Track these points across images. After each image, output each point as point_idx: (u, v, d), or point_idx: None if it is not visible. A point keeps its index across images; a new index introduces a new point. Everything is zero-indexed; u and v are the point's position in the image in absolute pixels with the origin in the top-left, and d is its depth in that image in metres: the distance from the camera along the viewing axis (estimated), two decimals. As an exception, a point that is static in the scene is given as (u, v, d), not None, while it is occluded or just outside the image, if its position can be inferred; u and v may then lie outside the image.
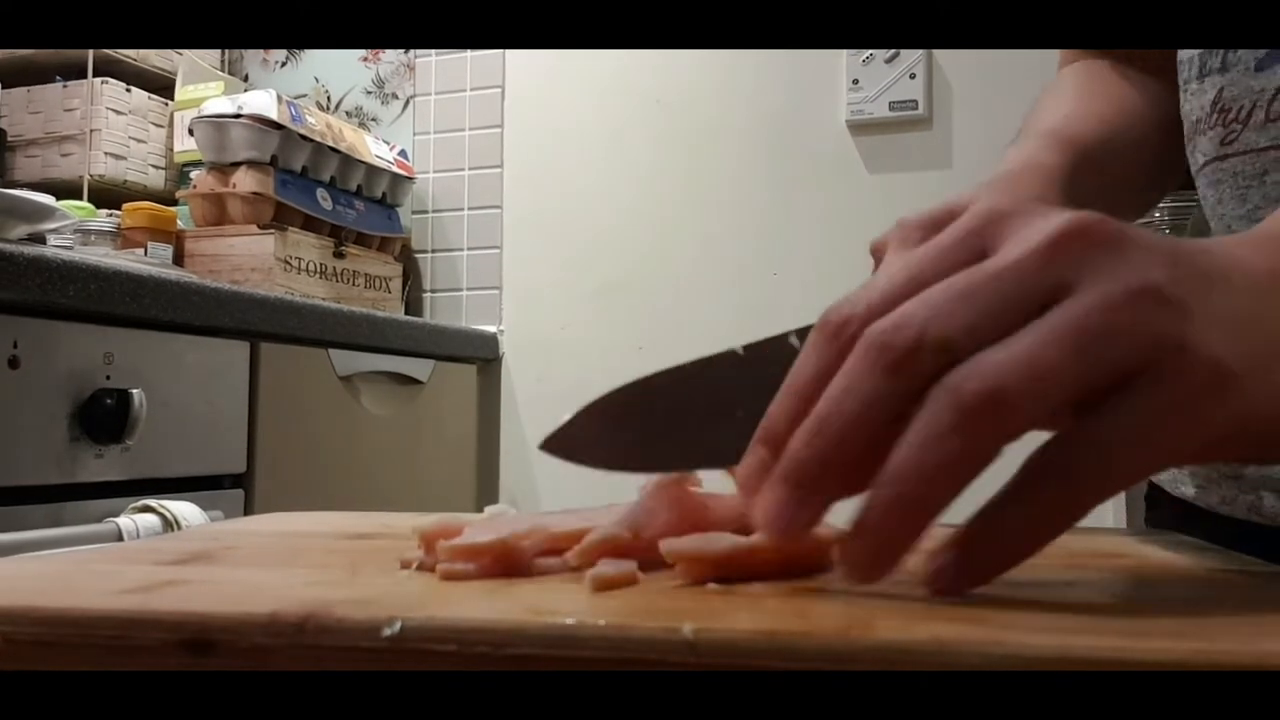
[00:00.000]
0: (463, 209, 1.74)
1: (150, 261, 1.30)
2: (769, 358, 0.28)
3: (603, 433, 0.30)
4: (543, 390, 1.65)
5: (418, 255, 1.76)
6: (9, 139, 1.59)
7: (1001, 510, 0.23)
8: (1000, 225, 0.25)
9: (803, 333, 0.28)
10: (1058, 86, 0.56)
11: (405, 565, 0.29)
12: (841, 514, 0.25)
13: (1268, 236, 0.27)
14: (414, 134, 1.77)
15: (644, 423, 0.30)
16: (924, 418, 0.22)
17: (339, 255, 1.53)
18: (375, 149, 1.63)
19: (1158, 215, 1.22)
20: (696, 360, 0.30)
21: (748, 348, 0.30)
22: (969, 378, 0.22)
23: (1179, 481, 0.51)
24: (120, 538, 0.81)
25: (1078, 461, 0.23)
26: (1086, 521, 0.24)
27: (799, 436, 0.24)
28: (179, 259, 1.42)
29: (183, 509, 0.86)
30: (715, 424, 0.29)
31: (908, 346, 0.23)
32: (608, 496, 0.34)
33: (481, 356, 1.64)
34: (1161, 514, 0.53)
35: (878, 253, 0.44)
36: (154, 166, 1.65)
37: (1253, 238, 0.27)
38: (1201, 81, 0.47)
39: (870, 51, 1.50)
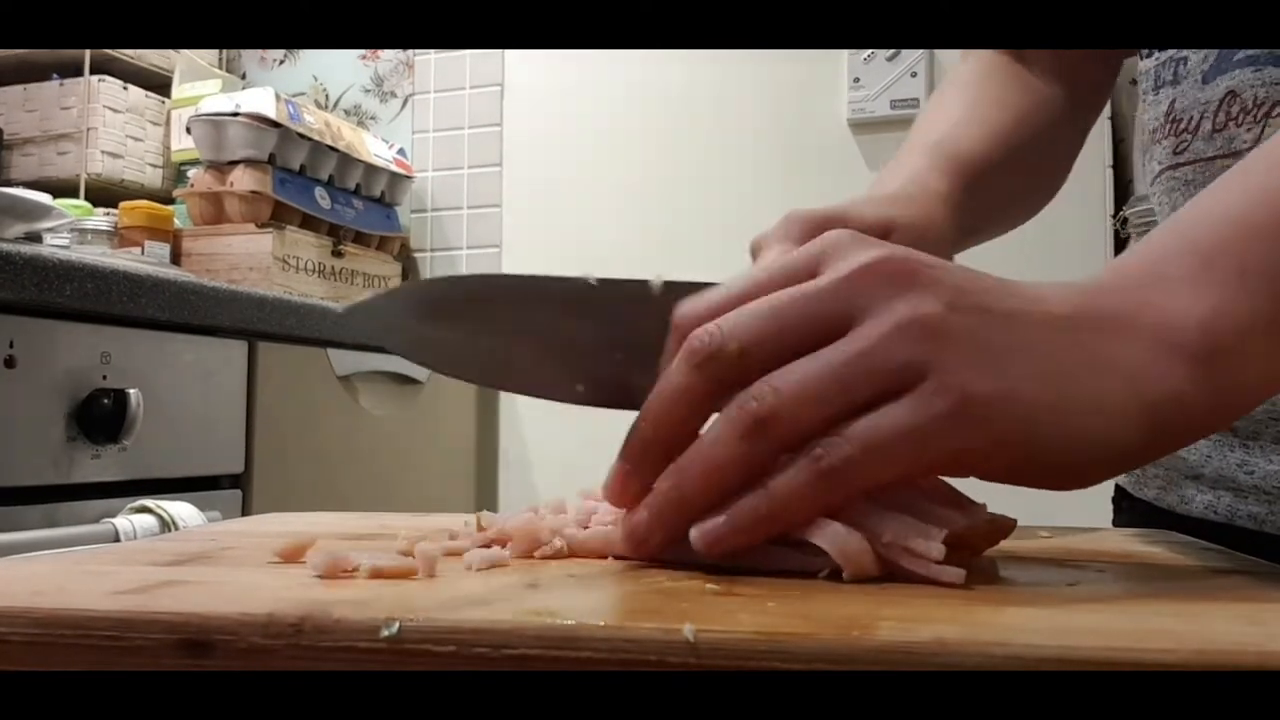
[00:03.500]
0: (462, 208, 1.74)
1: (147, 261, 1.29)
2: (624, 296, 0.31)
3: (419, 323, 0.28)
4: (541, 390, 1.65)
5: (417, 254, 1.76)
6: (5, 137, 1.58)
7: (765, 485, 0.27)
8: (830, 254, 0.29)
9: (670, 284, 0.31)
10: (952, 83, 0.57)
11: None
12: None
13: (1080, 287, 0.30)
14: (413, 132, 1.77)
15: (477, 322, 0.29)
16: (719, 425, 0.27)
17: (337, 254, 1.52)
18: (374, 147, 1.63)
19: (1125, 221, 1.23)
20: (539, 277, 0.32)
21: (602, 281, 0.32)
22: (753, 398, 0.27)
23: (1142, 484, 0.52)
24: (117, 538, 0.81)
25: (824, 458, 0.26)
26: (1085, 522, 0.25)
27: (668, 480, 0.28)
28: (176, 258, 1.42)
29: (180, 509, 0.86)
30: (561, 355, 0.30)
31: (708, 352, 0.28)
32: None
33: (480, 356, 1.64)
34: (1126, 516, 0.54)
35: (757, 249, 0.45)
36: (151, 165, 1.65)
37: (1066, 285, 0.30)
38: (1157, 94, 0.48)
39: (871, 50, 1.50)
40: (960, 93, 0.56)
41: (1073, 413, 0.27)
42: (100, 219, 1.38)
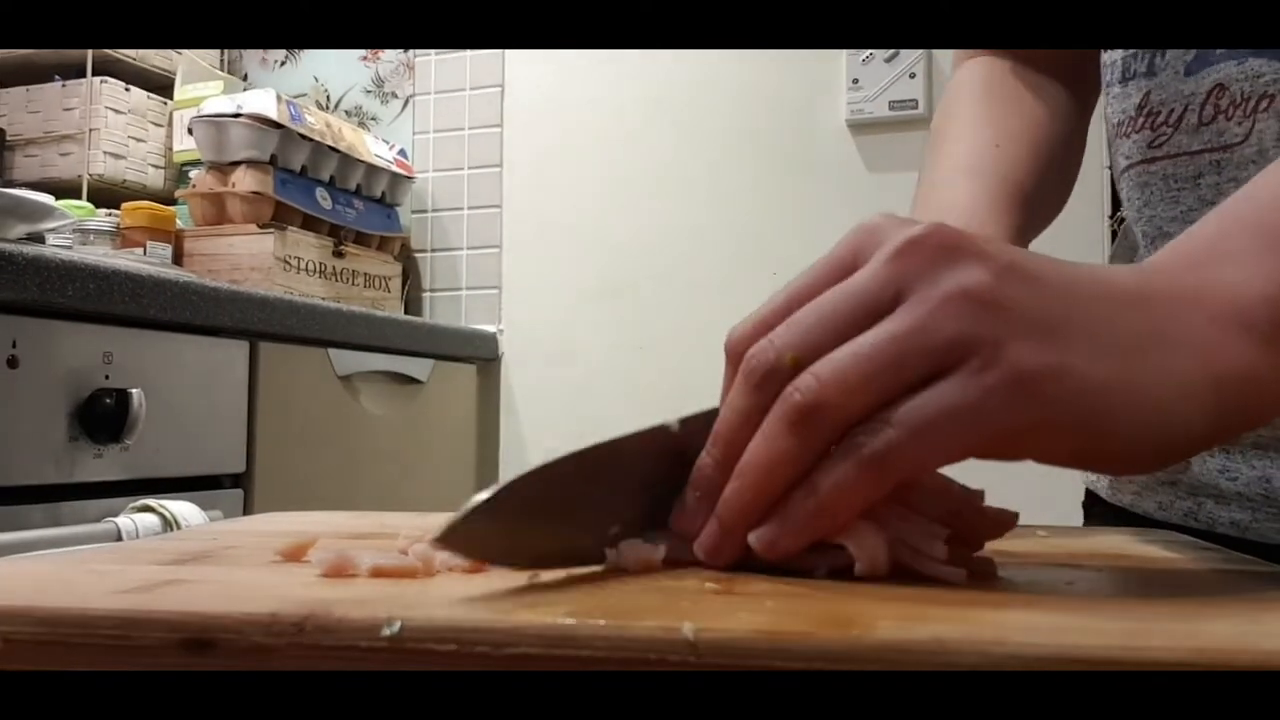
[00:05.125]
0: (462, 208, 1.74)
1: (149, 261, 1.29)
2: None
3: (508, 526, 0.27)
4: (542, 390, 1.65)
5: (417, 255, 1.76)
6: (8, 138, 1.58)
7: (810, 481, 0.26)
8: (867, 242, 0.28)
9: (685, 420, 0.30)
10: (964, 95, 0.55)
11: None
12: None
13: (1137, 267, 0.29)
14: (413, 133, 1.77)
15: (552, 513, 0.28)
16: (766, 422, 0.26)
17: (338, 255, 1.53)
18: (375, 148, 1.63)
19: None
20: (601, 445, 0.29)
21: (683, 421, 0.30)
22: (797, 389, 0.26)
23: (1117, 489, 0.51)
24: (119, 537, 0.81)
25: (866, 445, 0.25)
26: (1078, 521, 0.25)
27: (730, 484, 0.27)
28: (178, 258, 1.42)
29: (182, 509, 0.86)
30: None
31: (765, 369, 0.27)
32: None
33: (481, 356, 1.64)
34: (1097, 522, 0.53)
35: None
36: (153, 166, 1.65)
37: (1122, 266, 0.29)
38: (1125, 85, 0.46)
39: (870, 51, 1.50)
40: (980, 106, 0.53)
41: (1136, 389, 0.25)
42: (102, 219, 1.38)
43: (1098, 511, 0.53)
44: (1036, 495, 0.77)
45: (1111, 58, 0.48)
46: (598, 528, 0.28)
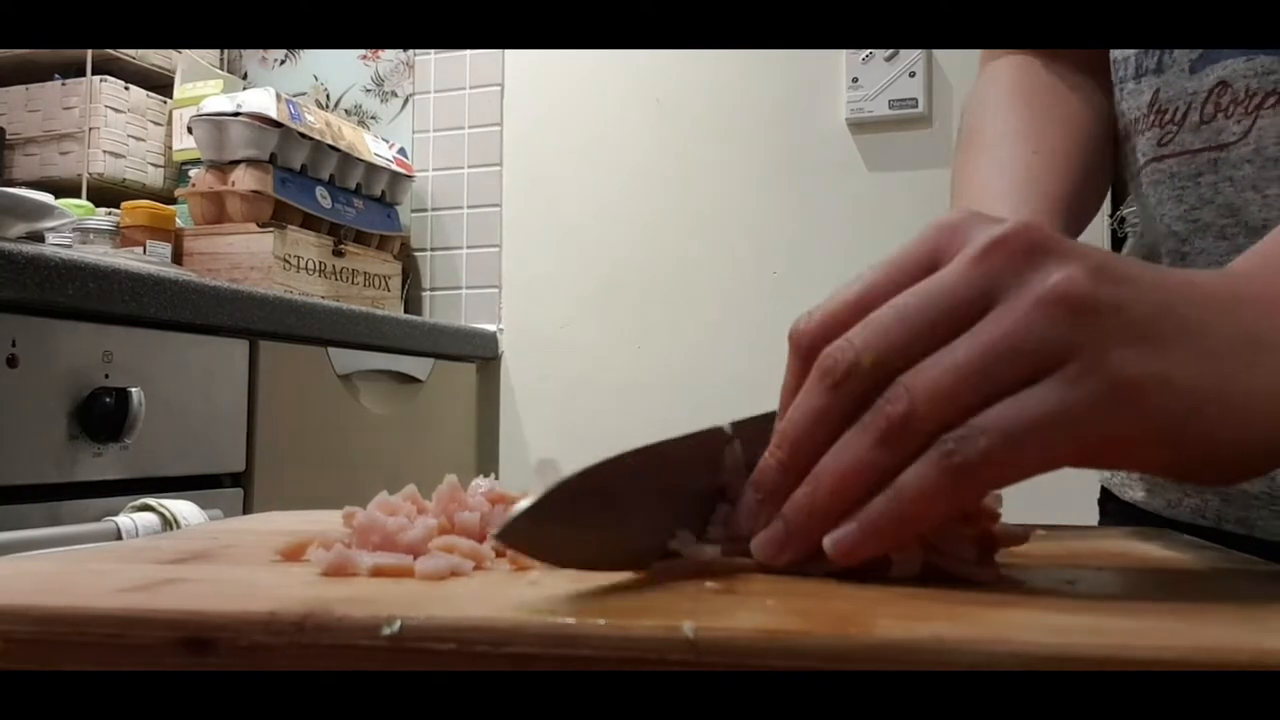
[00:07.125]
0: (462, 207, 1.74)
1: (149, 260, 1.29)
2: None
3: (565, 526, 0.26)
4: (542, 389, 1.65)
5: (417, 253, 1.76)
6: (8, 137, 1.58)
7: (895, 487, 0.25)
8: (949, 240, 0.26)
9: (737, 424, 0.30)
10: (1002, 99, 0.53)
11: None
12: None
13: (1224, 271, 0.28)
14: (413, 132, 1.77)
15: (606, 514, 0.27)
16: (853, 431, 0.26)
17: (338, 254, 1.53)
18: (374, 147, 1.63)
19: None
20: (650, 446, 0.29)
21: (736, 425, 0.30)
22: (888, 401, 0.25)
23: (1128, 486, 0.51)
24: (119, 536, 0.81)
25: (958, 453, 0.24)
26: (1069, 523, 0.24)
27: (802, 488, 0.27)
28: (178, 257, 1.42)
29: (182, 508, 0.86)
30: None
31: (844, 370, 0.26)
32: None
33: (481, 355, 1.64)
34: (1111, 519, 0.53)
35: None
36: (153, 165, 1.65)
37: (1209, 270, 0.28)
38: (1138, 82, 0.46)
39: (870, 51, 1.50)
40: (1016, 116, 0.52)
41: (1236, 397, 0.24)
42: (102, 219, 1.38)
43: (1112, 509, 0.53)
44: (1052, 491, 0.76)
45: (1124, 54, 0.47)
46: (651, 532, 0.28)
